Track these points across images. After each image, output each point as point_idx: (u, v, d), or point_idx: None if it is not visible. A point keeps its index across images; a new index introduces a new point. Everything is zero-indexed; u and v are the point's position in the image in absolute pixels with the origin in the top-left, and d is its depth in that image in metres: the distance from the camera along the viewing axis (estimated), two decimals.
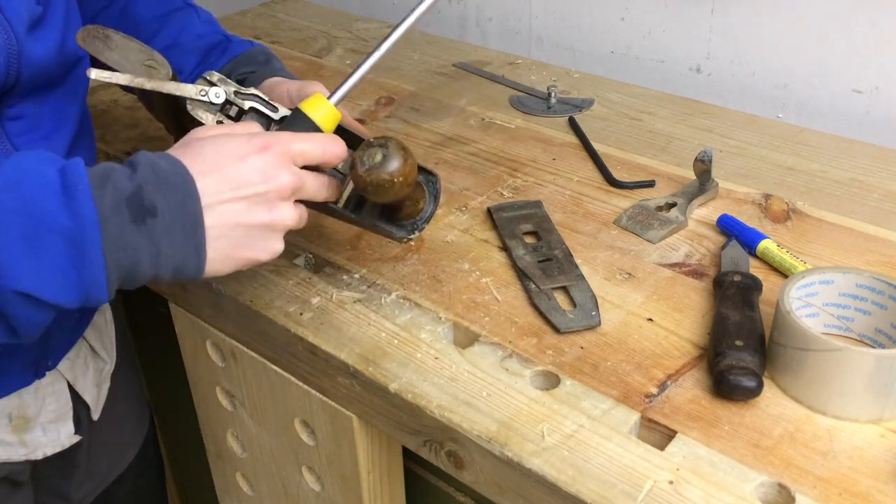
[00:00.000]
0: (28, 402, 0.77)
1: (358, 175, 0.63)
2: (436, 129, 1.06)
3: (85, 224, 0.52)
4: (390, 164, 0.62)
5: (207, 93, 0.66)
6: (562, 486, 0.57)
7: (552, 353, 0.68)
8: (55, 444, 0.80)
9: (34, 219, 0.51)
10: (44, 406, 0.79)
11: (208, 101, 0.66)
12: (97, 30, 0.66)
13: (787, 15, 1.07)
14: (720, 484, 0.57)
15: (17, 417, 0.76)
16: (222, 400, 0.90)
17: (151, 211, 0.54)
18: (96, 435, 0.88)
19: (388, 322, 0.73)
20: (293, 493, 0.88)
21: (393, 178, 0.62)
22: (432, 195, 0.71)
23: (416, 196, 0.70)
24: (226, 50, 0.83)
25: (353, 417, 0.73)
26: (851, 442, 0.60)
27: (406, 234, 0.71)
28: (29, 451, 0.78)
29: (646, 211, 0.86)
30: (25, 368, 0.75)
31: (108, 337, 0.89)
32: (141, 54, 0.67)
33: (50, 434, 0.79)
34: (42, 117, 0.68)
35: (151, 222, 0.54)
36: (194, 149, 0.58)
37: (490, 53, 1.30)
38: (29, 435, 0.78)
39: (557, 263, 0.78)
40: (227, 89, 0.67)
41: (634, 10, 1.21)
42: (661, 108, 1.09)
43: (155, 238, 0.55)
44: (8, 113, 0.66)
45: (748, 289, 0.70)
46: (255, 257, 0.60)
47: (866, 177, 0.92)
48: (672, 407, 0.63)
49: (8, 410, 0.76)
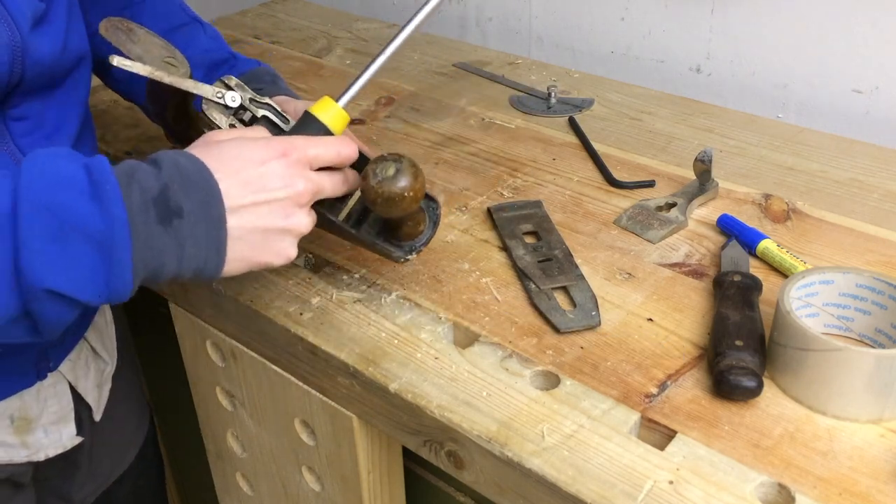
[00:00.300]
0: (30, 403, 0.77)
1: (369, 186, 0.63)
2: (436, 129, 1.06)
3: (114, 225, 0.52)
4: (402, 179, 0.63)
5: (224, 95, 0.67)
6: (562, 486, 0.57)
7: (552, 353, 0.68)
8: (57, 446, 0.80)
9: (62, 218, 0.51)
10: (45, 407, 0.79)
11: (223, 104, 0.67)
12: (121, 22, 0.67)
13: (787, 15, 1.07)
14: (720, 484, 0.57)
15: (18, 419, 0.76)
16: (222, 400, 0.90)
17: (178, 212, 0.55)
18: (98, 436, 0.88)
19: (388, 322, 0.73)
20: (293, 493, 0.88)
21: (404, 193, 0.63)
22: (432, 220, 0.72)
23: (418, 218, 0.71)
24: (232, 67, 0.83)
25: (353, 417, 0.73)
26: (851, 442, 0.60)
27: (403, 255, 0.71)
28: (31, 453, 0.78)
29: (646, 211, 0.86)
30: (27, 369, 0.75)
31: (108, 338, 0.89)
32: (162, 50, 0.68)
33: (52, 435, 0.79)
34: (45, 117, 0.68)
35: (178, 223, 0.55)
36: (214, 151, 0.59)
37: (490, 53, 1.30)
38: (31, 436, 0.78)
39: (557, 263, 0.78)
40: (244, 95, 0.68)
41: (634, 10, 1.21)
42: (661, 108, 1.09)
43: (181, 239, 0.55)
44: (12, 113, 0.66)
45: (748, 289, 0.70)
46: (270, 261, 0.61)
47: (866, 177, 0.92)
48: (672, 407, 0.63)
49: (10, 412, 0.76)
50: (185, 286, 0.82)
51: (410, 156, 0.65)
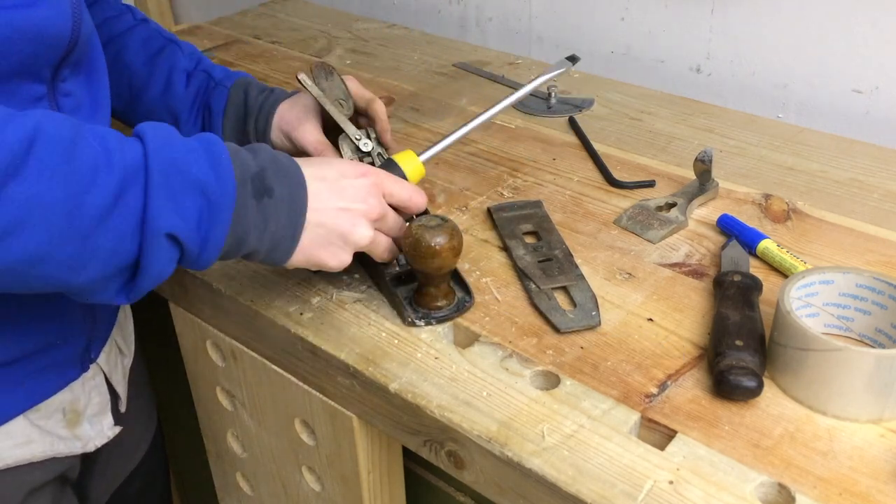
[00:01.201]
0: (78, 395, 0.78)
1: (410, 229, 0.68)
2: (436, 129, 1.06)
3: (226, 189, 0.58)
4: (440, 234, 0.68)
5: (361, 138, 0.82)
6: (562, 486, 0.57)
7: (552, 353, 0.68)
8: (101, 437, 0.81)
9: (185, 175, 0.57)
10: (90, 399, 0.80)
11: (356, 145, 0.82)
12: (326, 65, 0.85)
13: (787, 15, 1.07)
14: (720, 484, 0.57)
15: (69, 412, 0.77)
16: (222, 400, 0.90)
17: (269, 192, 0.61)
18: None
19: (388, 322, 0.73)
20: (293, 493, 0.88)
21: (435, 244, 0.67)
22: (457, 307, 0.73)
23: (445, 289, 0.72)
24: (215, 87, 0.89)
25: (353, 417, 0.73)
26: (851, 442, 0.60)
27: (415, 319, 0.72)
28: (83, 444, 0.79)
29: (646, 211, 0.86)
30: (74, 361, 0.76)
31: (128, 332, 0.90)
32: (340, 93, 0.85)
33: (95, 427, 0.81)
34: (83, 98, 0.71)
35: (268, 202, 0.61)
36: (310, 160, 0.67)
37: (490, 53, 1.30)
38: (79, 429, 0.79)
39: (557, 263, 0.78)
40: (374, 146, 0.83)
41: (634, 10, 1.21)
42: (661, 108, 1.09)
43: (266, 216, 0.61)
44: (61, 88, 0.67)
45: (748, 289, 0.70)
46: (327, 261, 0.66)
47: (866, 177, 0.92)
48: (672, 407, 0.63)
49: (62, 405, 0.76)
50: (186, 286, 0.83)
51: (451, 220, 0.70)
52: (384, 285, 0.75)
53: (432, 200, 0.90)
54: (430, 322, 0.72)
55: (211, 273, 0.79)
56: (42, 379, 0.73)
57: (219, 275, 0.79)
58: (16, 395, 0.71)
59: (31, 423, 0.73)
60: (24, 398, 0.72)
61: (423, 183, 0.93)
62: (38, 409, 0.73)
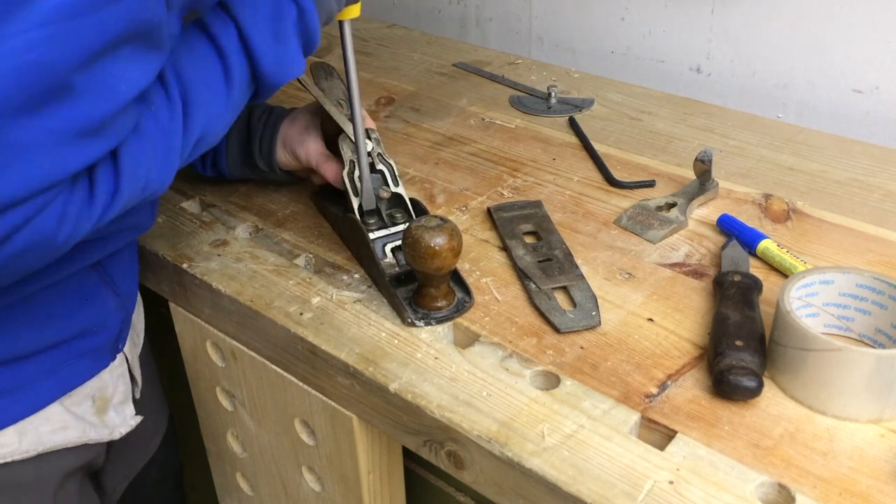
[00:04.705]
0: (107, 382, 0.79)
1: (410, 229, 0.69)
2: (436, 129, 1.06)
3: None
4: (444, 231, 0.68)
5: None
6: (562, 486, 0.57)
7: (552, 353, 0.68)
8: (124, 425, 0.82)
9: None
10: (117, 387, 0.80)
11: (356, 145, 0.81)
12: (326, 65, 0.86)
13: (787, 15, 1.07)
14: (720, 484, 0.57)
15: (98, 399, 0.78)
16: (222, 400, 0.90)
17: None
18: None
19: (388, 322, 0.73)
20: (293, 493, 0.88)
21: (434, 244, 0.68)
22: (456, 307, 0.73)
23: (445, 290, 0.72)
24: None
25: (353, 417, 0.73)
26: (851, 442, 0.60)
27: (414, 319, 0.72)
28: (110, 432, 0.80)
29: (646, 211, 0.86)
30: (107, 349, 0.78)
31: (139, 320, 0.90)
32: (340, 93, 0.86)
33: (119, 415, 0.81)
34: None
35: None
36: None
37: (490, 53, 1.30)
38: (106, 416, 0.80)
39: (557, 263, 0.78)
40: (375, 147, 0.81)
41: (634, 10, 1.21)
42: (661, 108, 1.09)
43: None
44: None
45: (748, 289, 0.70)
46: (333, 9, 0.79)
47: (866, 177, 0.92)
48: (672, 407, 0.63)
49: (93, 392, 0.77)
50: (186, 286, 0.83)
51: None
52: (384, 286, 0.75)
53: (432, 200, 0.90)
54: (429, 322, 0.72)
55: (211, 273, 0.79)
56: (77, 365, 0.74)
57: (219, 275, 0.79)
58: (53, 381, 0.73)
59: (66, 409, 0.74)
60: (60, 384, 0.73)
61: (423, 183, 0.93)
62: (71, 396, 0.75)
